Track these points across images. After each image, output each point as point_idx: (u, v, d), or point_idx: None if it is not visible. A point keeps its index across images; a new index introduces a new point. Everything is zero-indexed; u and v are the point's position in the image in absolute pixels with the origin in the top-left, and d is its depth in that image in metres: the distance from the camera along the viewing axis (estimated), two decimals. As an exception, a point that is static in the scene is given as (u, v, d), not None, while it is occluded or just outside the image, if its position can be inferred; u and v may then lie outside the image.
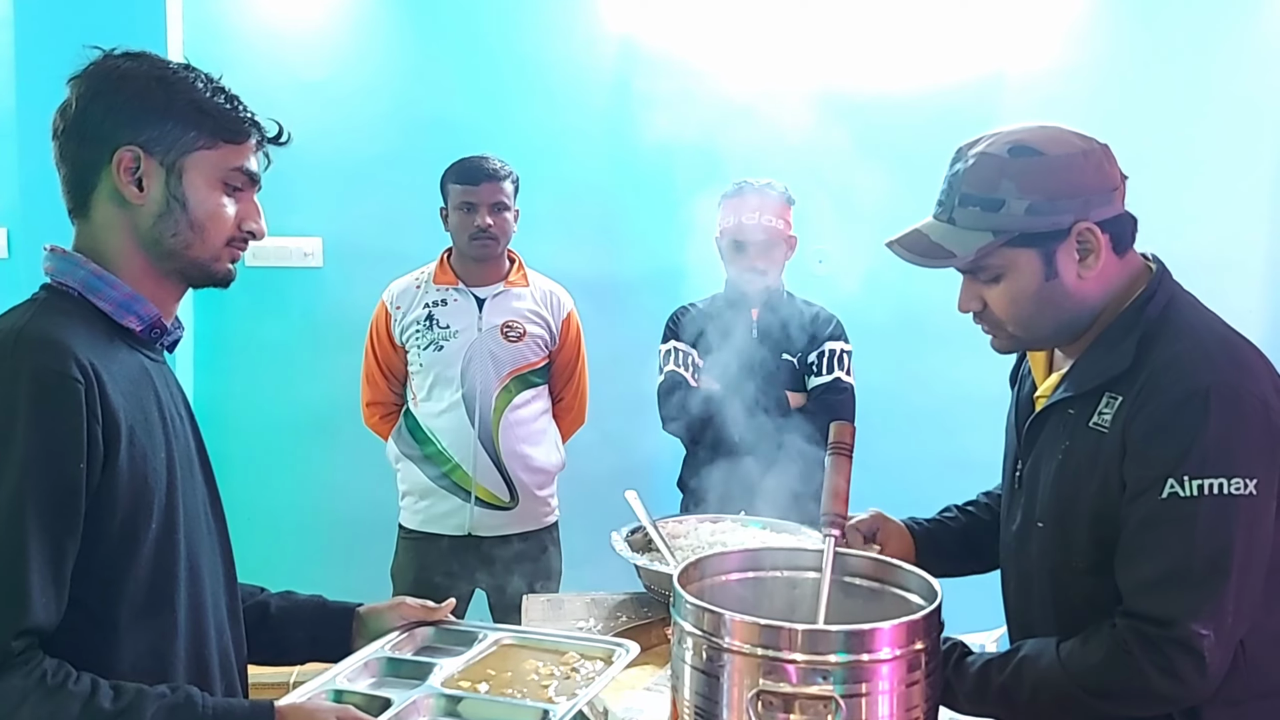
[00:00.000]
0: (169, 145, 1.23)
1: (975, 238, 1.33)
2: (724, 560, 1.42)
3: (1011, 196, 1.31)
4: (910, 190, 3.47)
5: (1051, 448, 1.39)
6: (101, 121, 1.22)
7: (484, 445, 2.76)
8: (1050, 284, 1.34)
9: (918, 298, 3.57)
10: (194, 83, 1.25)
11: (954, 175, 1.37)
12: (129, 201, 1.23)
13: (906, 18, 3.51)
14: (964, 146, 1.38)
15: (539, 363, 2.82)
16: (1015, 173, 1.31)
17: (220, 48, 3.29)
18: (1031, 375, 1.53)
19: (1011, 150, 1.33)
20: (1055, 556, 1.38)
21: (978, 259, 1.33)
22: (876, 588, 1.35)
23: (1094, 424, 1.33)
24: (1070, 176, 1.32)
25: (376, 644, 1.49)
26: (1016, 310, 1.37)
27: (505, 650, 1.55)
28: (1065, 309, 1.36)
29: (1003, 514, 1.55)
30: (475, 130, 3.27)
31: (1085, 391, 1.35)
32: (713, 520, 2.31)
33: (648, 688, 1.71)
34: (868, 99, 3.51)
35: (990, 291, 1.37)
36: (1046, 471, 1.40)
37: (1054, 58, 3.51)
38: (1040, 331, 1.39)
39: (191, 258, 1.27)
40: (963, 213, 1.34)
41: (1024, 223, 1.31)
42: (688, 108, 3.45)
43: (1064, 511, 1.36)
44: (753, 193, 2.69)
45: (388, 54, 3.43)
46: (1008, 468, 1.53)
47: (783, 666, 1.11)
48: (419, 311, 2.78)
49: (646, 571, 2.07)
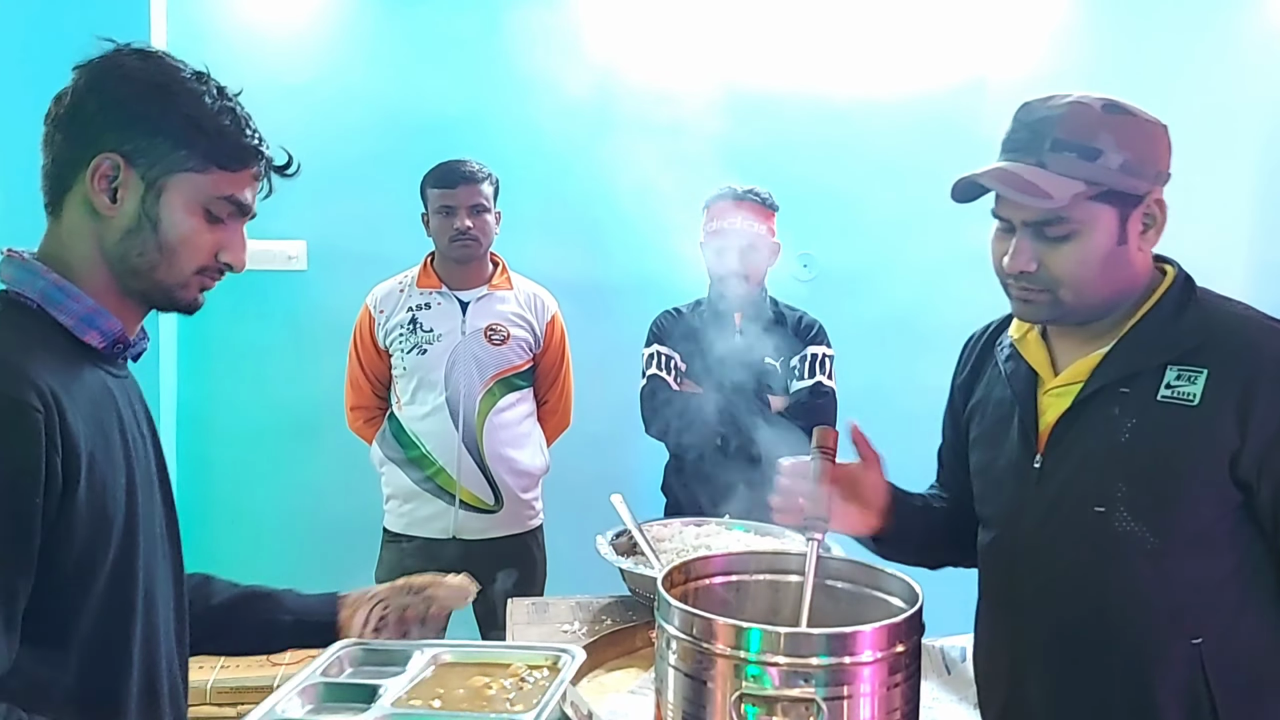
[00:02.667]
0: (154, 160, 1.14)
1: (1069, 184, 1.28)
2: (708, 564, 1.43)
3: (1110, 149, 1.29)
4: (894, 195, 3.53)
5: (1104, 430, 1.34)
6: (91, 119, 1.14)
7: (468, 448, 2.76)
8: (1119, 249, 1.32)
9: (903, 301, 3.61)
10: (200, 97, 1.16)
11: (1039, 121, 1.32)
12: (99, 211, 1.14)
13: (890, 25, 3.54)
14: (1034, 101, 1.34)
15: (523, 366, 2.83)
16: (1113, 126, 1.30)
17: (204, 49, 3.22)
18: (1021, 369, 1.46)
19: (1105, 106, 1.31)
20: (1121, 539, 1.32)
21: (1069, 205, 1.28)
22: (858, 591, 1.36)
23: (1166, 398, 1.31)
24: (1154, 144, 1.33)
25: (309, 669, 1.36)
26: (1082, 272, 1.32)
27: (447, 668, 1.44)
28: (1123, 279, 1.34)
29: (993, 518, 1.48)
30: (459, 134, 3.27)
31: (1145, 368, 1.33)
32: (697, 523, 2.32)
33: (632, 690, 1.72)
34: (851, 105, 3.53)
35: (1054, 250, 1.32)
36: (1100, 455, 1.34)
37: (1036, 64, 3.54)
38: (1093, 299, 1.35)
39: (156, 280, 1.18)
40: (1056, 158, 1.30)
41: (1116, 178, 1.29)
42: (671, 111, 3.47)
43: (1142, 490, 1.31)
44: (736, 199, 2.71)
45: (372, 57, 3.43)
46: (1010, 466, 1.45)
47: (765, 669, 1.11)
48: (402, 315, 2.78)
49: (631, 575, 2.07)
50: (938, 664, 1.78)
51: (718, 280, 2.74)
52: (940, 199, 3.93)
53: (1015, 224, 1.35)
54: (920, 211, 3.54)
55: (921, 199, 3.53)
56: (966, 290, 3.39)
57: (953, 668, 1.76)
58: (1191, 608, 1.32)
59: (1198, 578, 1.32)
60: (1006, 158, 1.35)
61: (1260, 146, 3.58)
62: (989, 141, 1.41)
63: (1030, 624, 1.42)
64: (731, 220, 2.70)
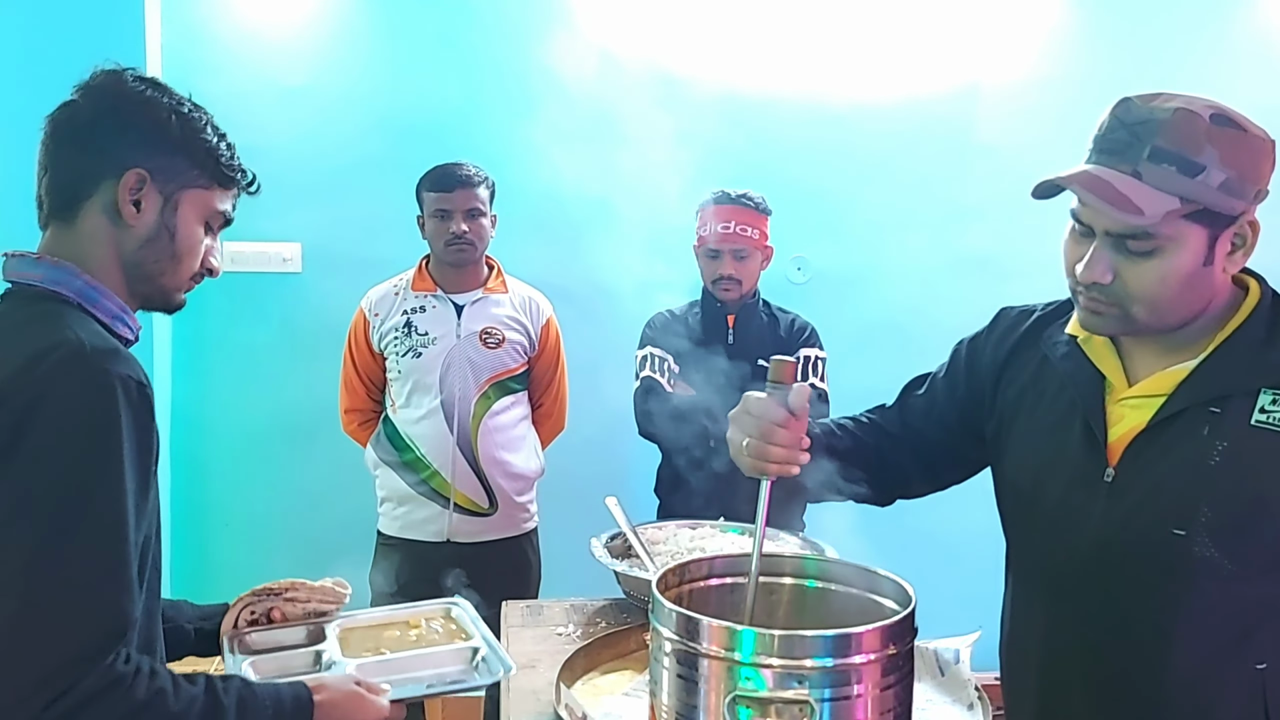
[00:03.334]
0: (172, 177, 1.28)
1: (1164, 200, 1.19)
2: (702, 566, 1.43)
3: (1214, 165, 1.19)
4: (888, 198, 3.54)
5: (1191, 450, 1.27)
6: (114, 138, 1.25)
7: (462, 452, 2.76)
8: (1204, 270, 1.24)
9: (896, 304, 3.62)
10: (205, 125, 1.32)
11: (1141, 124, 1.22)
12: (123, 220, 1.26)
13: (884, 29, 3.55)
14: (1133, 99, 1.24)
15: (518, 369, 2.83)
16: (1219, 141, 1.20)
17: (199, 52, 3.29)
18: (1084, 372, 1.38)
19: (1214, 117, 1.21)
20: (1198, 563, 1.26)
21: (1161, 223, 1.20)
22: (850, 593, 1.36)
23: (1260, 423, 1.24)
24: (1260, 162, 1.24)
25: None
26: (1162, 291, 1.24)
27: (352, 632, 1.60)
28: (1203, 299, 1.27)
29: (1044, 527, 1.41)
30: (455, 136, 3.28)
31: (1238, 391, 1.26)
32: (691, 526, 2.32)
33: (626, 693, 1.72)
34: (846, 108, 3.54)
35: (1135, 265, 1.24)
36: (1184, 476, 1.27)
37: (1029, 69, 3.55)
38: (1170, 319, 1.27)
39: (162, 284, 1.32)
40: (1153, 169, 1.20)
41: (1214, 197, 1.20)
42: (666, 115, 3.47)
43: (1228, 517, 1.25)
44: (730, 203, 2.72)
45: (368, 59, 3.44)
46: (1072, 474, 1.37)
47: (758, 671, 1.12)
48: (397, 318, 2.78)
49: (626, 577, 2.07)
50: (931, 666, 1.78)
51: (711, 285, 2.75)
52: (935, 201, 3.97)
53: (1096, 231, 1.26)
54: (914, 214, 3.56)
55: (915, 202, 3.57)
56: (960, 293, 3.43)
57: (946, 669, 1.76)
58: (1257, 633, 1.28)
59: (1267, 602, 1.27)
60: (1099, 160, 1.25)
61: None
62: (982, 145, 1.41)
63: (1081, 636, 1.36)
64: (726, 225, 2.71)
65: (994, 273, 3.40)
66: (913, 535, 2.68)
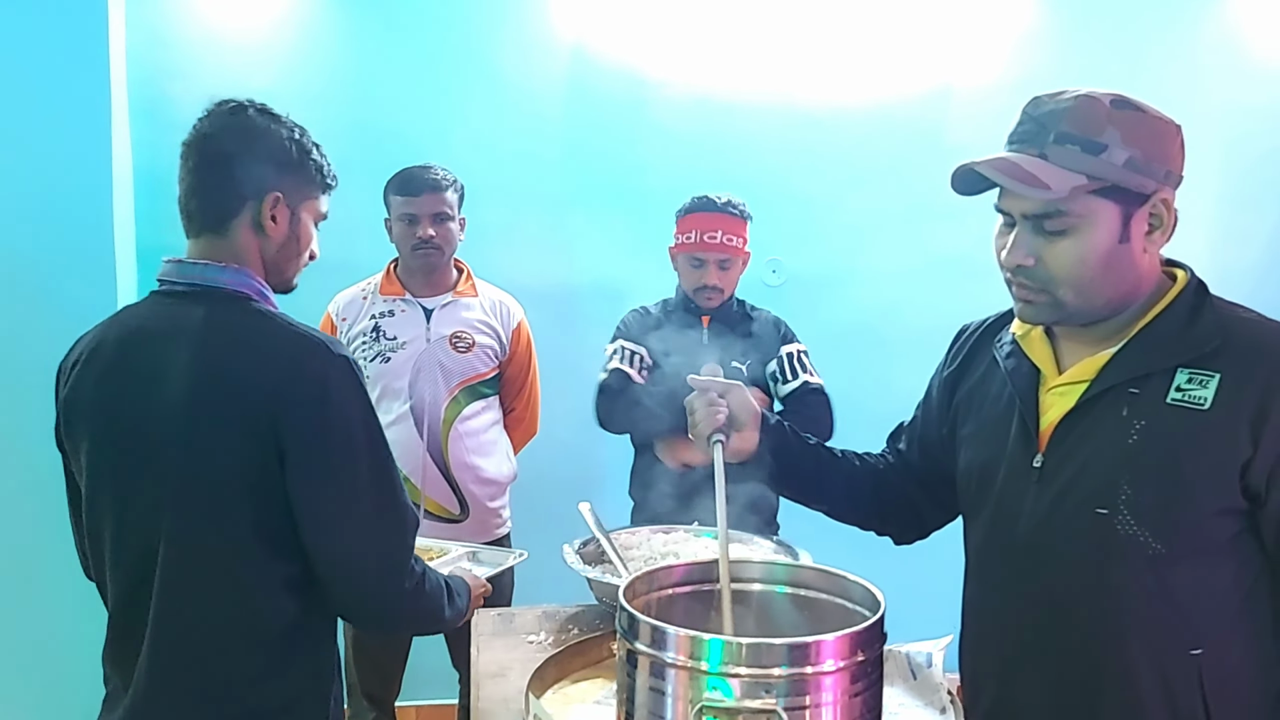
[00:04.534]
0: (296, 192, 1.60)
1: (1070, 176, 1.26)
2: (671, 573, 1.42)
3: (1115, 144, 1.26)
4: (862, 200, 3.54)
5: (1111, 430, 1.32)
6: (252, 167, 1.54)
7: (433, 457, 2.73)
8: (1121, 248, 1.29)
9: (871, 305, 3.62)
10: (311, 146, 1.63)
11: (1047, 114, 1.30)
12: (265, 231, 1.57)
13: (857, 31, 3.55)
14: (1043, 96, 1.32)
15: (489, 373, 2.80)
16: (1120, 122, 1.27)
17: (164, 56, 3.24)
18: (1023, 366, 1.44)
19: (1114, 101, 1.28)
20: (1123, 542, 1.30)
21: (1068, 198, 1.26)
22: (820, 599, 1.35)
23: (1176, 400, 1.28)
24: (1165, 143, 1.30)
25: None
26: (1081, 270, 1.29)
27: None
28: (1125, 280, 1.31)
29: (987, 518, 1.46)
30: (424, 138, 3.25)
31: (1156, 370, 1.31)
32: (665, 531, 2.30)
33: (597, 701, 1.70)
34: (820, 110, 3.54)
35: (1053, 246, 1.30)
36: (1105, 455, 1.32)
37: (1000, 71, 3.56)
38: (1095, 300, 1.32)
39: (288, 277, 1.64)
40: (1058, 150, 1.27)
41: (1120, 174, 1.26)
42: (638, 117, 3.46)
43: (1147, 494, 1.29)
44: (716, 210, 2.66)
45: (335, 60, 3.39)
46: (1002, 466, 1.43)
47: (726, 680, 1.10)
48: (365, 323, 2.75)
49: (598, 584, 2.05)
50: (904, 669, 1.77)
51: (693, 293, 2.71)
52: (907, 204, 3.98)
53: (1015, 217, 1.32)
54: (888, 216, 3.56)
55: (889, 204, 3.57)
56: (934, 294, 3.43)
57: (919, 673, 1.75)
58: (1191, 617, 1.29)
59: (1199, 587, 1.29)
60: (1010, 149, 1.32)
61: (1222, 150, 3.62)
62: (955, 147, 1.41)
63: (1024, 624, 1.39)
64: (710, 234, 2.65)
65: (967, 274, 3.39)
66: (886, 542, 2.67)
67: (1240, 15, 3.66)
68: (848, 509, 1.67)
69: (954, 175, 1.33)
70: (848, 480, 1.64)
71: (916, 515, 1.67)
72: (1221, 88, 3.62)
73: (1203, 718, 1.29)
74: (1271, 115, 3.66)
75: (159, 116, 3.11)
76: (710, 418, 1.52)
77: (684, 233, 2.68)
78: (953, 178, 1.33)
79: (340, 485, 1.47)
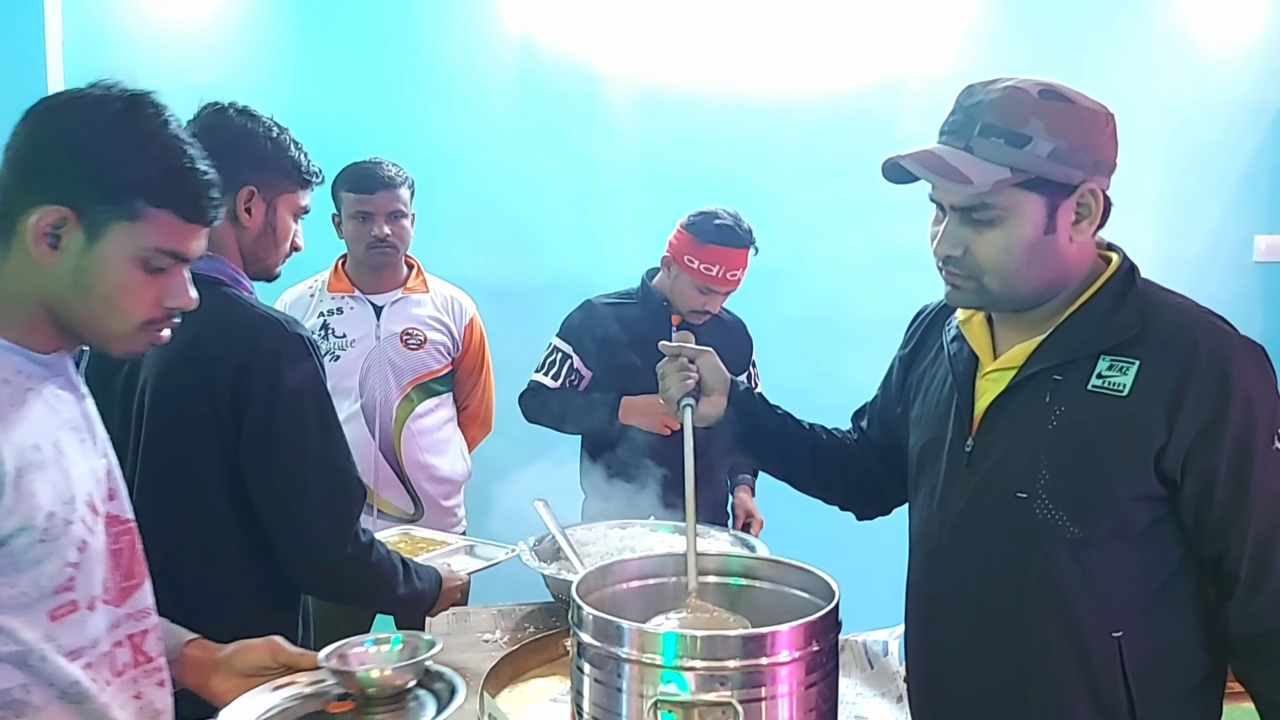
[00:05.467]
0: (271, 187, 1.71)
1: (993, 170, 1.27)
2: (626, 569, 1.40)
3: (1039, 136, 1.26)
4: (814, 192, 3.55)
5: (1034, 416, 1.34)
6: (230, 163, 1.48)
7: (385, 457, 2.70)
8: (1046, 239, 1.30)
9: (823, 298, 3.63)
10: (289, 143, 1.74)
11: (974, 105, 1.31)
12: (240, 222, 1.68)
13: (808, 24, 3.55)
14: (977, 84, 1.33)
15: (441, 370, 2.77)
16: (1045, 113, 1.27)
17: (102, 51, 3.16)
18: (963, 351, 1.46)
19: (1042, 92, 1.29)
20: (1042, 526, 1.32)
21: (992, 192, 1.27)
22: (775, 590, 1.35)
23: (1097, 387, 1.30)
24: (1092, 133, 1.30)
25: None
26: (1006, 260, 1.30)
27: None
28: (1051, 269, 1.32)
29: (925, 499, 1.49)
30: (371, 132, 3.18)
31: (1080, 356, 1.32)
32: (621, 526, 2.29)
33: (554, 699, 1.69)
34: (771, 103, 3.54)
35: (980, 236, 1.31)
36: (1027, 441, 1.34)
37: (950, 63, 3.58)
38: (1020, 288, 1.33)
39: (268, 265, 1.76)
40: (983, 143, 1.28)
41: (1044, 166, 1.27)
42: (589, 110, 3.44)
43: (1064, 479, 1.31)
44: (740, 247, 2.56)
45: (279, 53, 3.33)
46: (942, 449, 1.45)
47: (681, 674, 1.09)
48: (313, 321, 2.69)
49: (554, 580, 2.04)
50: (860, 658, 1.77)
51: (688, 313, 2.63)
52: (858, 196, 4.00)
53: (945, 208, 1.34)
54: (840, 208, 3.58)
55: (840, 196, 3.57)
56: (886, 286, 3.43)
57: (875, 662, 1.76)
58: (1111, 601, 1.32)
59: (1118, 570, 1.31)
60: (941, 140, 1.34)
61: (1167, 139, 3.68)
62: (906, 138, 1.41)
63: (954, 606, 1.42)
64: (733, 273, 2.56)
65: (918, 266, 3.37)
66: (845, 527, 2.68)
67: (1185, 7, 3.72)
68: (812, 480, 1.69)
69: (884, 165, 1.35)
70: (813, 451, 1.65)
71: (878, 491, 1.68)
72: (1165, 79, 3.68)
73: (1124, 699, 1.31)
74: (1213, 106, 3.73)
75: (97, 113, 3.03)
76: (681, 382, 1.53)
77: (704, 261, 2.54)
78: (883, 167, 1.35)
79: (288, 451, 1.59)
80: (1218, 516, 1.28)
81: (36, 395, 1.16)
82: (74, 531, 1.15)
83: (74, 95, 1.18)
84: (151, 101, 1.20)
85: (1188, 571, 1.34)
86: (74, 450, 1.18)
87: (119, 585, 1.24)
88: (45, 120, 1.16)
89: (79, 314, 1.16)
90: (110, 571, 1.23)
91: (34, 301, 1.16)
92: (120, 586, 1.25)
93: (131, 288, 1.16)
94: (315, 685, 1.36)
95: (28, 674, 1.13)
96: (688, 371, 1.55)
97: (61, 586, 1.15)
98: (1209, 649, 1.35)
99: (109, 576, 1.22)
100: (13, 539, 1.10)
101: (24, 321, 1.16)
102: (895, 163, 1.34)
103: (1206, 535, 1.30)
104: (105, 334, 1.19)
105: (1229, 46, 3.74)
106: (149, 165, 1.16)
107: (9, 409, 1.12)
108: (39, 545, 1.12)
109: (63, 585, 1.15)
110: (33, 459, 1.12)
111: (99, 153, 1.14)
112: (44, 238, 1.13)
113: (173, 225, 1.18)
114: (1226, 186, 3.79)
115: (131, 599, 1.27)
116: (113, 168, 1.14)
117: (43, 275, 1.14)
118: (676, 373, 1.55)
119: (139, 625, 1.28)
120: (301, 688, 1.35)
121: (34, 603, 1.13)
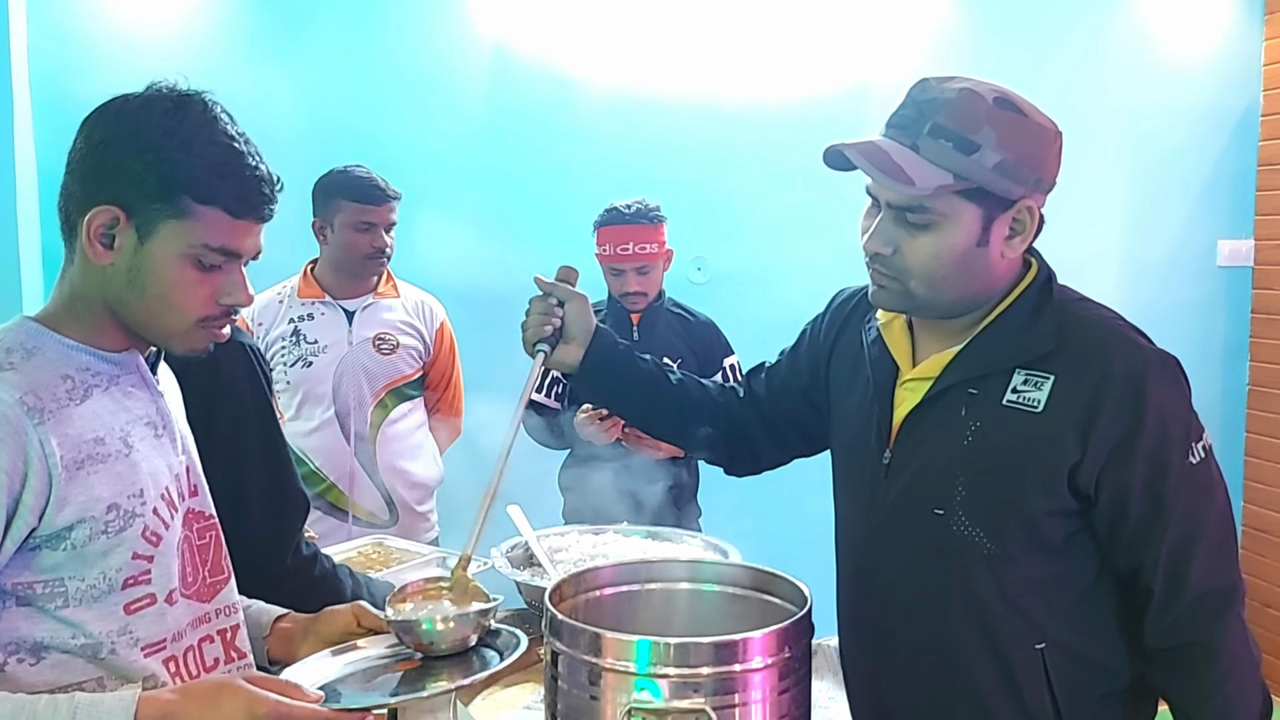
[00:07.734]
0: None
1: (937, 174, 1.23)
2: (598, 575, 1.40)
3: (988, 146, 1.23)
4: (784, 197, 3.57)
5: (948, 430, 1.32)
6: None
7: (361, 462, 2.68)
8: (978, 250, 1.27)
9: (794, 302, 3.63)
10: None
11: (927, 102, 1.26)
12: None
13: (777, 30, 3.57)
14: (932, 79, 1.29)
15: (414, 375, 2.76)
16: (998, 123, 1.24)
17: (67, 53, 3.12)
18: (884, 358, 1.43)
19: (997, 100, 1.25)
20: (959, 542, 1.31)
21: (932, 196, 1.24)
22: (747, 595, 1.35)
23: (1012, 402, 1.28)
24: (1040, 150, 1.27)
25: None
26: (934, 266, 1.27)
27: None
28: (978, 280, 1.30)
29: (848, 503, 1.47)
30: (341, 138, 3.18)
31: (995, 370, 1.31)
32: (595, 532, 2.29)
33: (528, 706, 1.69)
34: (740, 108, 3.55)
35: (912, 239, 1.27)
36: (942, 457, 1.32)
37: (917, 69, 3.55)
38: (944, 296, 1.30)
39: None
40: (931, 143, 1.24)
41: (988, 177, 1.24)
42: (561, 115, 3.44)
43: (979, 495, 1.30)
44: (625, 222, 2.69)
45: (248, 57, 3.30)
46: (864, 457, 1.42)
47: (654, 682, 1.09)
48: (284, 327, 2.68)
49: (527, 587, 2.03)
50: (833, 663, 1.78)
51: (621, 298, 2.76)
52: (828, 201, 4.02)
53: (881, 204, 1.31)
54: (810, 213, 3.59)
55: (810, 201, 3.59)
56: (856, 290, 3.46)
57: (848, 666, 1.76)
58: (1031, 614, 1.31)
59: (1036, 584, 1.31)
60: (887, 133, 1.29)
61: (1131, 145, 3.73)
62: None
63: (880, 615, 1.41)
64: (623, 246, 2.69)
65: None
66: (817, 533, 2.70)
67: (1149, 15, 3.77)
68: (678, 434, 1.67)
69: (826, 152, 1.31)
70: (681, 407, 1.61)
71: (753, 450, 1.65)
72: (1130, 85, 3.72)
73: (1050, 709, 1.32)
74: (1177, 112, 3.78)
75: (63, 116, 2.97)
76: (539, 325, 1.49)
77: (600, 245, 2.73)
78: (825, 154, 1.31)
79: (228, 460, 1.51)
80: (1132, 532, 1.28)
81: (104, 392, 1.18)
82: (141, 524, 1.16)
83: (125, 98, 1.20)
84: (200, 100, 1.20)
85: (1107, 581, 1.34)
86: (146, 445, 1.20)
87: (205, 580, 1.26)
88: (98, 125, 1.18)
89: (137, 313, 1.18)
90: (193, 566, 1.24)
91: (97, 302, 1.19)
92: (207, 582, 1.27)
93: (185, 285, 1.17)
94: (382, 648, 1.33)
95: (99, 667, 1.14)
96: (550, 315, 1.50)
97: (133, 579, 1.16)
98: (1133, 655, 1.35)
99: (190, 571, 1.24)
100: (72, 532, 1.11)
101: (90, 322, 1.19)
102: (838, 151, 1.29)
103: (1121, 550, 1.30)
104: (164, 332, 1.20)
105: (1192, 53, 3.79)
106: (195, 162, 1.15)
107: (68, 403, 1.14)
108: (101, 538, 1.13)
109: (135, 578, 1.16)
110: (94, 452, 1.13)
111: (145, 152, 1.14)
112: (98, 238, 1.15)
113: (222, 222, 1.17)
114: (1190, 192, 3.84)
115: (220, 595, 1.29)
116: (159, 166, 1.14)
117: (102, 276, 1.17)
118: (539, 314, 1.50)
119: (229, 620, 1.30)
120: (365, 651, 1.32)
121: (104, 595, 1.14)
